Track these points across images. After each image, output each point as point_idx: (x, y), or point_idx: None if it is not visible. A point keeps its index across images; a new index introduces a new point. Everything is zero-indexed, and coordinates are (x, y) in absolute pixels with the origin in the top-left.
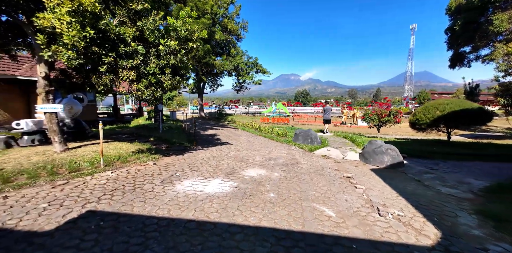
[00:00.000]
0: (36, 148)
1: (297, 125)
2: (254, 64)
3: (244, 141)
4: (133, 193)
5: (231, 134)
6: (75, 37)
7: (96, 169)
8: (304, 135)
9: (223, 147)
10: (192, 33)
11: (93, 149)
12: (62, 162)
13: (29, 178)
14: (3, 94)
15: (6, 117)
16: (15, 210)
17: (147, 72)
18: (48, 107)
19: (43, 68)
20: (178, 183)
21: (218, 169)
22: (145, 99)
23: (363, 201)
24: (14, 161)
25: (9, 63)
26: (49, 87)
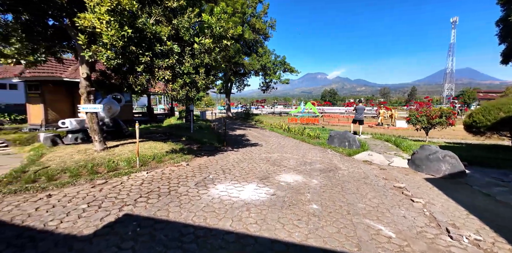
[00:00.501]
0: (78, 146)
1: (327, 126)
2: (281, 63)
3: (274, 142)
4: (168, 196)
5: (260, 134)
6: (114, 36)
7: (132, 169)
8: (340, 137)
9: (253, 148)
10: (227, 30)
11: (130, 148)
12: (101, 161)
13: (71, 177)
14: (52, 95)
15: (54, 117)
16: (56, 210)
17: (182, 71)
18: (89, 107)
19: (85, 70)
20: (212, 187)
21: (251, 173)
22: (180, 99)
23: (426, 218)
24: (58, 158)
25: (56, 66)
26: (90, 87)
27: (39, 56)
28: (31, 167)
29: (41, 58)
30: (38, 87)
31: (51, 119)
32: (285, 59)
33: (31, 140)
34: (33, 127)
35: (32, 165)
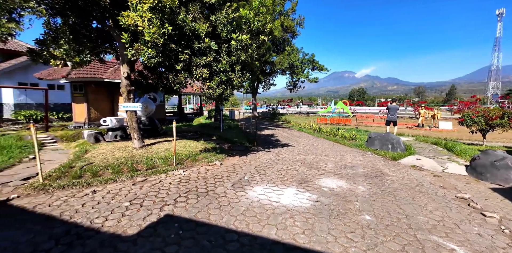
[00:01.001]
0: (118, 143)
1: (361, 127)
2: (310, 61)
3: (305, 143)
4: (206, 196)
5: (289, 134)
6: (155, 34)
7: (169, 167)
8: (382, 139)
9: (285, 149)
10: (265, 25)
11: (166, 146)
12: (140, 158)
13: (113, 173)
14: (94, 95)
15: (95, 115)
16: (101, 207)
17: (219, 69)
18: (129, 106)
19: (126, 69)
20: (249, 189)
21: (287, 175)
22: (215, 98)
23: (506, 237)
24: (101, 155)
25: (98, 68)
26: (130, 87)
27: (84, 57)
28: (77, 162)
29: (86, 59)
30: (82, 88)
31: (93, 117)
32: (314, 57)
33: (76, 137)
34: (77, 124)
35: (78, 160)
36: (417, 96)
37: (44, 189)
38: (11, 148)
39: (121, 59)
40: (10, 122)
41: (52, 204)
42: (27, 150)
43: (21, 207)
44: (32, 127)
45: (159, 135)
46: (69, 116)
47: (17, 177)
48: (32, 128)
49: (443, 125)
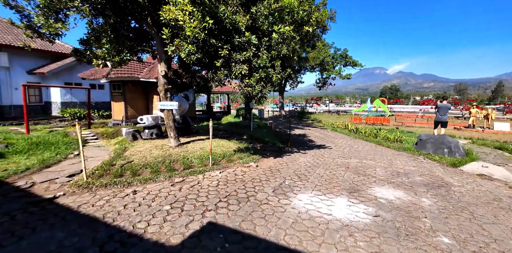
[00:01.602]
0: (155, 141)
1: (401, 127)
2: (342, 57)
3: (343, 144)
4: (248, 203)
5: (322, 135)
6: (196, 28)
7: (205, 167)
8: (435, 141)
9: (322, 151)
10: (310, 15)
11: (200, 145)
12: (176, 157)
13: (152, 173)
14: (130, 94)
15: (132, 113)
16: (143, 209)
17: (258, 65)
18: (166, 104)
19: (163, 67)
20: (293, 196)
21: (333, 182)
22: (254, 96)
23: None
24: (139, 153)
25: (134, 68)
26: (167, 85)
27: (124, 56)
28: (117, 160)
29: (126, 57)
30: (120, 87)
31: (130, 115)
32: (347, 52)
33: (115, 134)
34: (116, 122)
35: (118, 158)
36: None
37: (88, 187)
38: (58, 144)
39: (159, 58)
40: (57, 119)
41: (95, 204)
42: (72, 146)
43: (66, 206)
44: (77, 126)
45: (192, 133)
46: (108, 114)
47: (63, 173)
48: (77, 126)
49: (499, 126)
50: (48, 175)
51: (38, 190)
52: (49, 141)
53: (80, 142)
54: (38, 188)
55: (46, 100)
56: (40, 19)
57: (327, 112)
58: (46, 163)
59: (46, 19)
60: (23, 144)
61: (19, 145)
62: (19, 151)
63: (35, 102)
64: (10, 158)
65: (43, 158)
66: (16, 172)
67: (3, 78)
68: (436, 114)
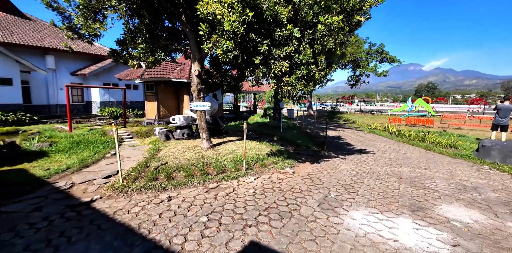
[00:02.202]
0: (186, 141)
1: (448, 129)
2: (378, 53)
3: (387, 149)
4: (291, 219)
5: (360, 137)
6: (235, 22)
7: (239, 172)
8: (503, 148)
9: (365, 157)
10: (363, 2)
11: (232, 147)
12: (209, 160)
13: (186, 176)
14: (162, 94)
15: (163, 113)
16: (179, 220)
17: (300, 61)
18: (199, 105)
19: (197, 67)
20: (343, 213)
21: (388, 197)
22: (293, 96)
23: None
24: (172, 155)
25: (166, 69)
26: (200, 85)
27: (159, 55)
28: (152, 162)
29: (161, 57)
30: (153, 87)
31: (162, 114)
32: (383, 47)
33: (149, 133)
34: (149, 121)
35: (152, 159)
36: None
37: (124, 190)
38: (97, 143)
39: (192, 57)
40: (97, 118)
41: (130, 211)
42: (109, 145)
43: (102, 211)
44: (113, 127)
45: (222, 134)
46: (142, 113)
47: (100, 174)
48: (114, 128)
49: None
50: (87, 176)
51: (77, 191)
52: (88, 140)
53: (117, 146)
54: (77, 189)
55: (87, 100)
56: (80, 20)
57: (359, 112)
58: (85, 162)
59: (85, 20)
60: (65, 142)
61: (61, 144)
62: (61, 150)
63: (77, 102)
64: (53, 157)
65: (83, 157)
66: (58, 171)
67: (50, 79)
68: (495, 116)
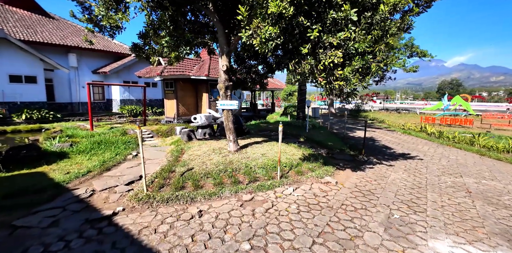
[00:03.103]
0: (210, 142)
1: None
2: (408, 47)
3: (433, 153)
4: (357, 250)
5: (395, 139)
6: (283, 1)
7: (273, 181)
8: None
9: (413, 164)
10: None
11: (260, 150)
12: (238, 165)
13: (215, 185)
14: (182, 92)
15: (182, 111)
16: (216, 246)
17: (355, 50)
18: (226, 103)
19: (225, 61)
20: (421, 243)
21: (468, 219)
22: (343, 94)
23: None
24: (198, 158)
25: (185, 66)
26: (228, 82)
27: (184, 49)
28: (176, 166)
29: (186, 51)
30: (172, 85)
31: (181, 113)
32: (413, 40)
33: (170, 132)
34: (168, 119)
35: (176, 163)
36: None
37: (148, 201)
38: (118, 143)
39: (220, 50)
40: (117, 116)
41: (158, 230)
42: (130, 146)
43: (125, 229)
44: (138, 129)
45: (244, 134)
46: (160, 111)
47: (122, 180)
48: (138, 130)
49: None
50: (108, 181)
51: (97, 201)
52: (109, 140)
53: (141, 152)
54: (98, 198)
55: (107, 98)
56: (101, 10)
57: (384, 111)
58: (106, 165)
59: (106, 10)
60: (86, 143)
61: (82, 144)
62: (82, 150)
63: (98, 100)
64: (73, 158)
65: (104, 159)
66: (78, 175)
67: (73, 77)
68: None
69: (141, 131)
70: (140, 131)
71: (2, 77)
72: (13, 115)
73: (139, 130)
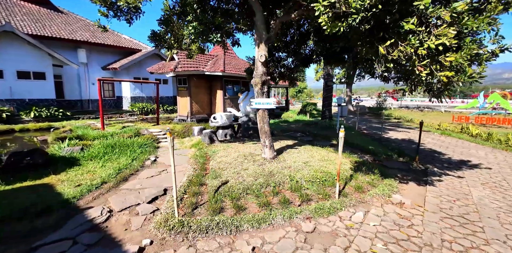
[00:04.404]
0: (235, 146)
1: None
2: None
3: (500, 161)
4: None
5: (438, 141)
6: None
7: (332, 201)
8: None
9: (484, 174)
10: None
11: (299, 157)
12: (281, 177)
13: (261, 206)
14: (195, 89)
15: (196, 109)
16: None
17: (469, 30)
18: (262, 102)
19: (263, 51)
20: None
21: None
22: (443, 88)
23: None
24: (230, 167)
25: (199, 62)
26: (265, 76)
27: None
28: (206, 177)
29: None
30: (186, 81)
31: (195, 111)
32: None
33: (186, 133)
34: (181, 117)
35: (204, 172)
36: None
37: (182, 231)
38: (133, 146)
39: (256, 38)
40: (128, 114)
41: None
42: (147, 149)
43: None
44: (169, 136)
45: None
46: (172, 109)
47: (143, 195)
48: (169, 137)
49: None
50: (127, 197)
51: (117, 228)
52: (124, 143)
53: (173, 167)
54: (116, 223)
55: (118, 95)
56: None
57: (405, 108)
58: (122, 175)
59: None
60: (98, 146)
61: (94, 148)
62: (94, 156)
63: (108, 97)
64: (85, 165)
65: (119, 166)
66: (91, 188)
67: (82, 73)
68: None
69: (172, 140)
70: (171, 140)
71: (10, 73)
72: (21, 113)
73: (170, 137)
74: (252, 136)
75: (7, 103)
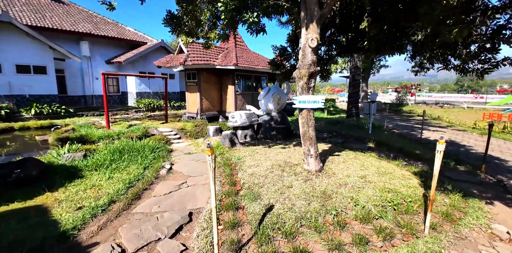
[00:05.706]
0: (262, 150)
1: None
2: None
3: None
4: None
5: (484, 143)
6: None
7: (424, 240)
8: None
9: None
10: None
11: (349, 169)
12: (340, 201)
13: (329, 247)
14: (206, 84)
15: (206, 106)
16: None
17: None
18: (308, 100)
19: (314, 33)
20: None
21: None
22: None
23: None
24: (266, 182)
25: (210, 55)
26: (315, 66)
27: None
28: (241, 197)
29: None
30: (195, 76)
31: (205, 108)
32: None
33: (200, 133)
34: (190, 115)
35: (235, 188)
36: None
37: None
38: (144, 150)
39: (305, 17)
40: (133, 110)
41: None
42: (159, 153)
43: None
44: (209, 154)
45: (293, 136)
46: (179, 105)
47: (164, 224)
48: (210, 156)
49: None
50: (142, 227)
51: None
52: (133, 147)
53: (213, 194)
54: None
55: (122, 91)
56: None
57: (424, 104)
58: (135, 190)
59: None
60: (104, 152)
61: (100, 154)
62: (99, 164)
63: (113, 93)
64: (88, 177)
65: (129, 178)
66: (95, 211)
67: (85, 67)
68: None
69: (214, 159)
70: (212, 160)
71: (9, 67)
72: (22, 110)
73: (212, 156)
74: (276, 137)
75: (6, 99)
